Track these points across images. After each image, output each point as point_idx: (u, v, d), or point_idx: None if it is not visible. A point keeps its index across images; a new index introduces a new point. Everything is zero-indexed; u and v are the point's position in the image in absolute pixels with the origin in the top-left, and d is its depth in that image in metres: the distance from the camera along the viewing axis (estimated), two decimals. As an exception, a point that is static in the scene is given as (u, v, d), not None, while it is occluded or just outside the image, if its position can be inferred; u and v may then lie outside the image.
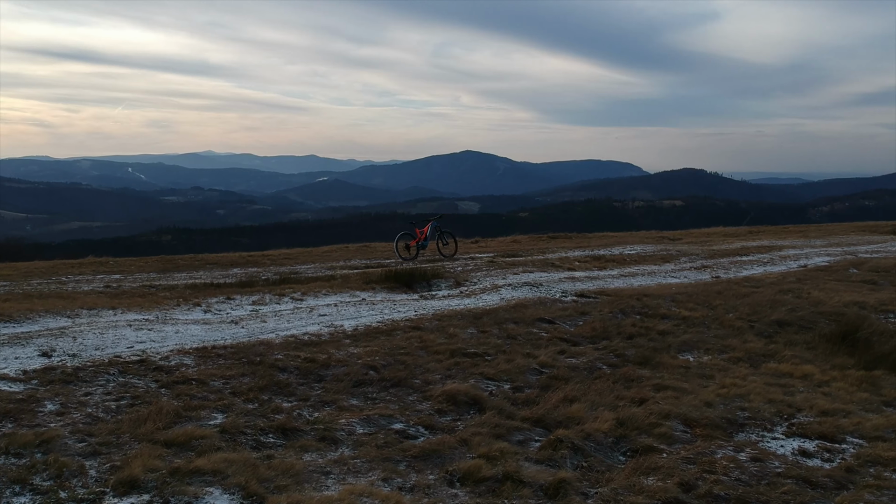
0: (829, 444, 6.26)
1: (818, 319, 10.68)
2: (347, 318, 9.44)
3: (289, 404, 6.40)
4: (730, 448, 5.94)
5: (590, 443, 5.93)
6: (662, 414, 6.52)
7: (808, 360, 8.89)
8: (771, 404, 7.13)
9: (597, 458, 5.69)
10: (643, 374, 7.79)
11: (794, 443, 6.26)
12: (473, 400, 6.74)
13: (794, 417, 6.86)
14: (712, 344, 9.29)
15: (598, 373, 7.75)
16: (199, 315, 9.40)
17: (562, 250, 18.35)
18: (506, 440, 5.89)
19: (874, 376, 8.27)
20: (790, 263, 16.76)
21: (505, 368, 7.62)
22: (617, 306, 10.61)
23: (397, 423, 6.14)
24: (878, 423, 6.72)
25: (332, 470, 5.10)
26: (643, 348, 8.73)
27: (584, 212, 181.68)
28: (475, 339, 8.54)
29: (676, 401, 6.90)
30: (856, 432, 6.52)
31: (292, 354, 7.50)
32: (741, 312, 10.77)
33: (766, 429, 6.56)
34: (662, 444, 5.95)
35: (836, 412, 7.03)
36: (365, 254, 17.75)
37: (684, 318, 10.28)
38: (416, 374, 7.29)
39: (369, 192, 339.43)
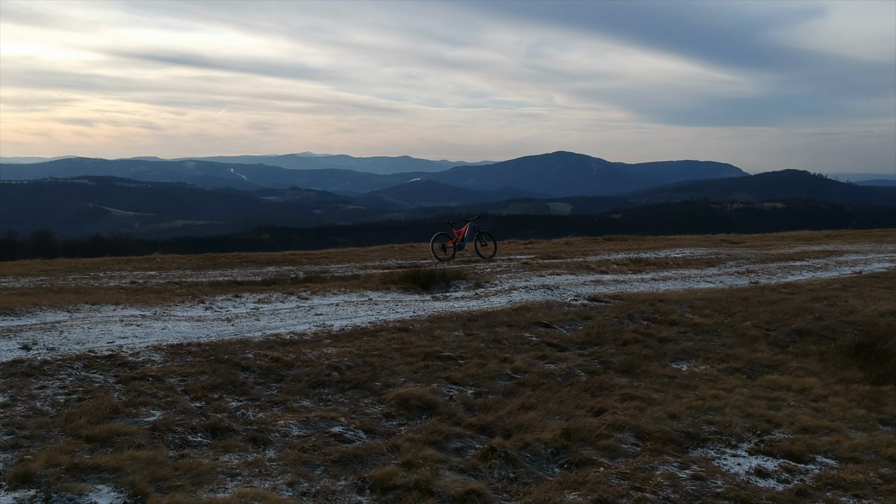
0: (794, 463, 5.82)
1: (845, 329, 10.01)
2: (342, 318, 9.40)
3: (237, 403, 6.38)
4: (675, 464, 5.59)
5: (526, 453, 5.69)
6: (616, 425, 6.20)
7: (815, 372, 8.33)
8: (747, 419, 6.70)
9: (527, 469, 5.44)
10: (620, 382, 7.45)
11: (754, 461, 5.85)
12: (427, 405, 6.57)
13: (767, 434, 6.42)
14: (716, 353, 8.82)
15: (572, 380, 7.45)
16: (198, 312, 9.55)
17: (606, 252, 17.89)
18: (440, 447, 5.71)
19: (880, 391, 7.68)
20: (844, 269, 15.81)
21: (474, 373, 7.41)
22: (626, 311, 10.21)
23: (337, 427, 6.03)
24: (858, 443, 6.22)
25: (242, 472, 5.04)
26: (633, 355, 8.35)
27: (679, 214, 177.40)
28: (457, 343, 8.35)
29: (638, 412, 6.56)
30: (830, 452, 6.05)
31: (263, 353, 7.50)
32: (760, 320, 10.19)
33: (731, 445, 6.16)
34: (604, 458, 5.65)
35: (818, 429, 6.54)
36: (405, 254, 17.74)
37: (694, 325, 9.80)
38: (379, 377, 7.17)
39: (461, 193, 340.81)
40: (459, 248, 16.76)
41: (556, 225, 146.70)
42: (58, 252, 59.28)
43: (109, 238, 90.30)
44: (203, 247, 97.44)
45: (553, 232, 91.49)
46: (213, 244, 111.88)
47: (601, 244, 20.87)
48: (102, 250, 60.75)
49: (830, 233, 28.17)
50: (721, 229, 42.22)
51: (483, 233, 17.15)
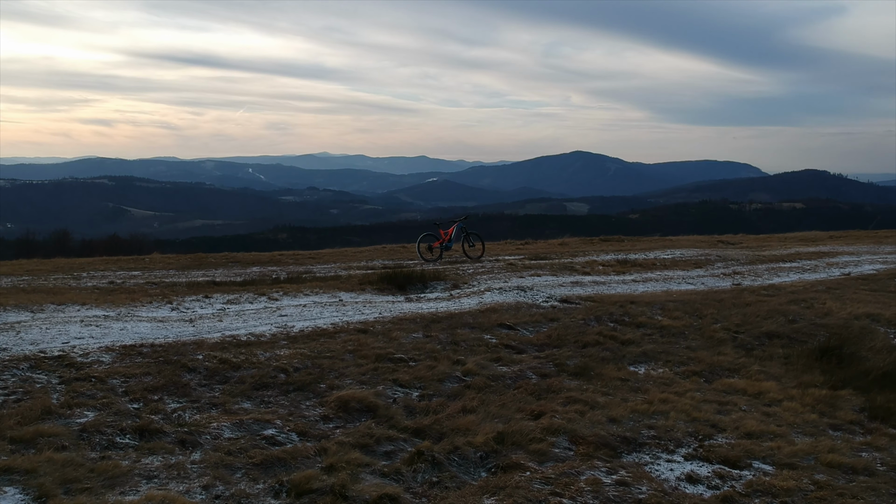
0: (729, 469, 5.74)
1: (816, 332, 9.87)
2: (306, 319, 9.38)
3: (176, 405, 6.37)
4: (603, 470, 5.52)
5: (454, 457, 5.64)
6: (552, 429, 6.14)
7: (776, 375, 8.22)
8: (692, 423, 6.62)
9: (452, 473, 5.39)
10: (569, 385, 7.39)
11: (688, 466, 5.77)
12: (367, 407, 6.54)
13: (709, 439, 6.33)
14: (678, 355, 8.73)
15: (521, 383, 7.38)
16: (163, 313, 9.57)
17: (596, 254, 17.77)
18: (368, 451, 5.68)
19: (837, 396, 7.57)
20: (833, 271, 15.60)
21: (423, 375, 7.36)
22: (594, 313, 10.12)
23: (270, 429, 6.01)
24: (800, 448, 6.13)
25: (160, 474, 5.03)
26: (591, 358, 8.28)
27: (697, 214, 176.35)
28: (413, 344, 8.31)
29: (579, 416, 6.50)
30: (769, 458, 5.96)
31: (213, 355, 7.49)
32: (730, 322, 10.07)
33: (668, 450, 6.08)
34: (532, 462, 5.59)
35: (763, 435, 6.45)
36: (395, 255, 17.71)
37: (662, 328, 9.70)
38: (326, 379, 7.14)
39: (478, 193, 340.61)
40: (446, 248, 16.70)
41: (573, 225, 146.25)
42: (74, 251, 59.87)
43: (126, 237, 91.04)
44: (220, 246, 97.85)
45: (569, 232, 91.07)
46: (231, 244, 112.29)
47: (595, 245, 20.74)
48: (118, 250, 61.31)
49: (835, 233, 27.83)
50: (739, 229, 41.94)
51: (471, 233, 17.07)
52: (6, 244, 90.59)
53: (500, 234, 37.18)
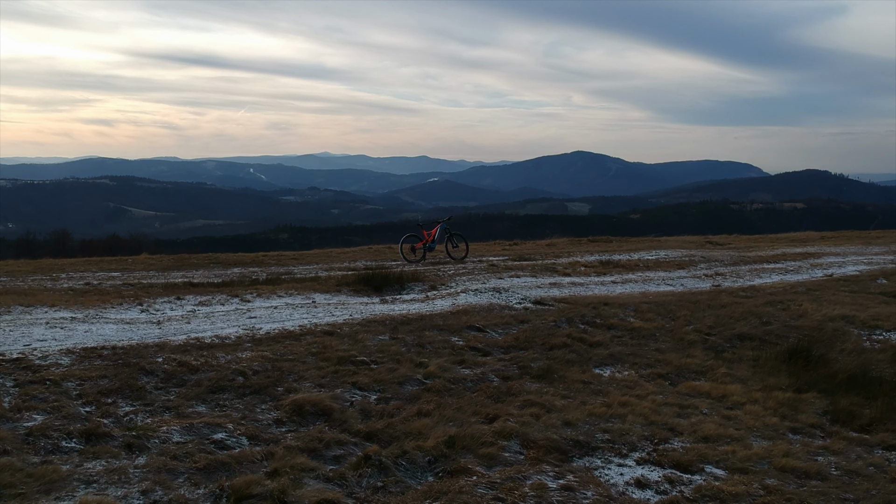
0: (680, 474, 5.68)
1: (789, 334, 9.81)
2: (275, 321, 9.35)
3: (129, 408, 6.33)
4: (551, 474, 5.47)
5: (402, 462, 5.59)
6: (505, 433, 6.09)
7: (742, 378, 8.16)
8: (649, 426, 6.57)
9: (398, 478, 5.35)
10: (530, 388, 7.34)
11: (639, 471, 5.71)
12: (322, 411, 6.49)
13: (665, 442, 6.28)
14: (646, 358, 8.68)
15: (481, 385, 7.34)
16: (132, 315, 9.53)
17: (581, 254, 17.73)
18: (316, 455, 5.63)
19: (801, 399, 7.51)
20: (815, 272, 15.54)
21: (384, 378, 7.32)
22: (566, 315, 10.08)
23: (221, 433, 5.96)
24: (755, 452, 6.08)
25: (100, 479, 4.98)
26: (556, 360, 8.23)
27: (698, 214, 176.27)
28: (378, 347, 8.26)
29: (534, 419, 6.45)
30: (722, 462, 5.91)
31: (173, 358, 7.44)
32: (703, 324, 10.02)
33: (621, 454, 6.03)
34: (480, 467, 5.54)
35: (720, 438, 6.40)
36: (380, 255, 17.67)
37: (633, 329, 9.66)
38: (284, 382, 7.09)
39: (479, 193, 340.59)
40: (430, 249, 16.66)
41: (574, 225, 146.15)
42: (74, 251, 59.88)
43: (126, 237, 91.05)
44: (221, 246, 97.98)
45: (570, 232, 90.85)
46: (232, 244, 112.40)
47: (583, 246, 20.69)
48: (118, 250, 61.35)
49: (827, 234, 27.80)
50: (740, 230, 41.76)
51: (454, 234, 17.03)
52: (7, 244, 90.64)
53: (500, 234, 37.13)
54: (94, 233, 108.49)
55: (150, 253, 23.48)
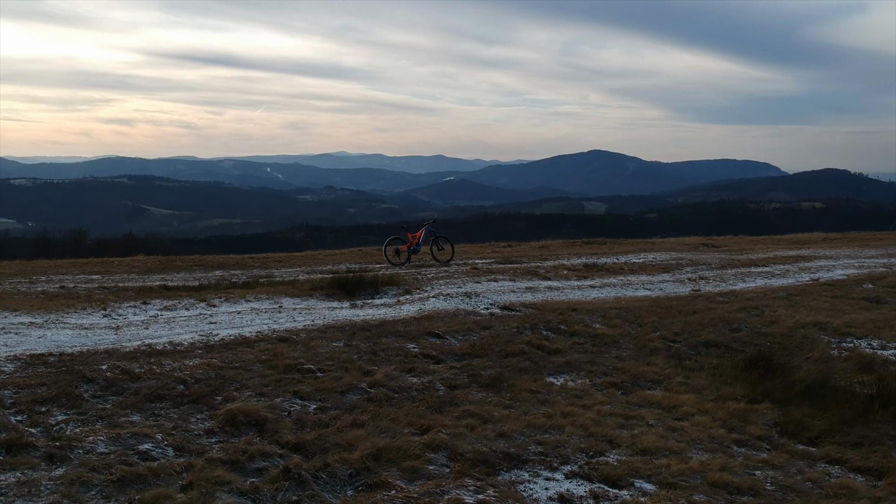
0: (608, 489, 5.58)
1: (756, 341, 9.65)
2: (234, 326, 9.29)
3: (62, 417, 6.28)
4: (471, 489, 5.38)
5: (323, 475, 5.51)
6: (434, 445, 6.01)
7: (698, 387, 8.02)
8: (588, 438, 6.45)
9: (315, 492, 5.27)
10: (475, 397, 7.24)
11: (567, 485, 5.61)
12: (256, 421, 6.42)
13: (601, 455, 6.17)
14: (603, 366, 8.56)
15: (425, 395, 7.25)
16: (92, 320, 9.52)
17: (569, 257, 17.58)
18: (238, 468, 5.56)
19: (754, 410, 7.37)
20: (802, 276, 15.32)
21: (327, 387, 7.24)
22: (532, 321, 9.96)
23: (147, 444, 5.90)
24: (691, 466, 5.95)
25: (9, 492, 4.92)
26: (509, 368, 8.13)
27: (715, 213, 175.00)
28: (329, 354, 8.18)
29: (468, 431, 6.35)
30: (654, 476, 5.79)
31: (117, 365, 7.40)
32: (669, 331, 9.88)
33: (552, 467, 5.92)
34: (401, 481, 5.45)
35: (659, 451, 6.28)
36: (367, 258, 17.61)
37: (596, 336, 9.54)
38: (225, 391, 7.03)
39: (495, 192, 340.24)
40: (414, 252, 16.59)
41: (590, 224, 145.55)
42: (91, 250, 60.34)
43: (142, 236, 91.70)
44: (238, 246, 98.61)
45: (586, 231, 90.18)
46: (248, 243, 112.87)
47: (575, 248, 20.52)
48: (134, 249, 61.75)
49: (831, 235, 27.47)
50: (758, 229, 41.16)
51: (440, 237, 16.94)
52: (25, 243, 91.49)
53: (516, 233, 36.90)
54: (113, 231, 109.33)
55: (165, 253, 23.72)
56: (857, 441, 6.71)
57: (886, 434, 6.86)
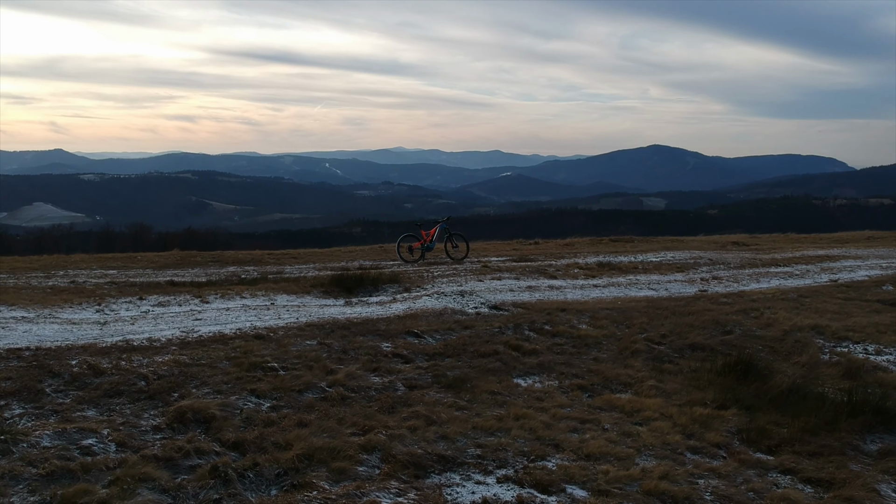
0: (537, 494, 5.48)
1: (746, 344, 9.35)
2: (218, 323, 9.41)
3: (19, 411, 6.43)
4: (393, 492, 5.35)
5: (251, 474, 5.54)
6: (369, 446, 5.98)
7: (669, 391, 7.83)
8: (534, 442, 6.35)
9: (237, 491, 5.30)
10: (431, 398, 7.18)
11: (494, 490, 5.53)
12: (204, 418, 6.48)
13: (542, 459, 6.06)
14: (578, 367, 8.41)
15: (382, 395, 7.22)
16: (83, 315, 9.76)
17: (586, 255, 17.35)
18: (172, 464, 5.61)
19: (719, 415, 7.16)
20: (821, 277, 14.83)
21: (286, 385, 7.26)
22: (517, 321, 9.86)
23: (91, 439, 6.01)
24: (628, 474, 5.81)
25: (-60, 484, 5.12)
26: (477, 369, 8.05)
27: (778, 209, 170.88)
28: (299, 352, 8.21)
29: (409, 432, 6.31)
30: (589, 483, 5.68)
31: (87, 360, 7.54)
32: (657, 333, 9.66)
33: (486, 471, 5.85)
34: (326, 482, 5.44)
35: (604, 457, 6.15)
36: (382, 254, 17.66)
37: (579, 337, 9.38)
38: (184, 387, 7.10)
39: (552, 188, 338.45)
40: (428, 249, 16.58)
41: (648, 221, 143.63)
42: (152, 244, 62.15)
43: (201, 231, 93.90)
44: (297, 240, 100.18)
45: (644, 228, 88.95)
46: (307, 237, 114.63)
47: (601, 245, 20.24)
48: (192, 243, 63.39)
49: (877, 234, 26.50)
50: (822, 226, 39.88)
51: (454, 234, 16.90)
52: (90, 236, 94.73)
53: (572, 229, 36.63)
54: (176, 225, 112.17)
55: (224, 247, 24.21)
56: (816, 451, 6.47)
57: (849, 444, 6.61)
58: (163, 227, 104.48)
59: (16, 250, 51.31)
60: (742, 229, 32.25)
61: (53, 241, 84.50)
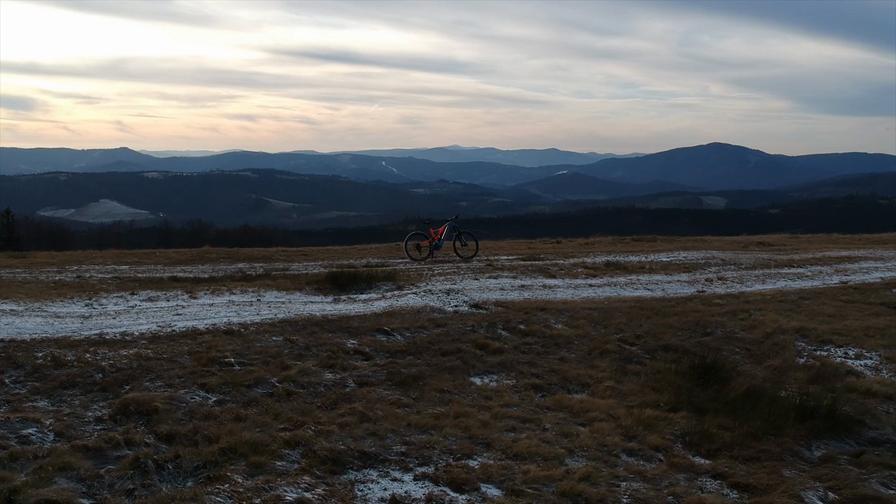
0: (447, 492, 5.46)
1: (723, 346, 9.15)
2: (197, 318, 9.56)
3: (-30, 402, 6.73)
4: (302, 486, 5.39)
5: (170, 466, 5.63)
6: (294, 441, 6.03)
7: (625, 392, 7.70)
8: (465, 441, 6.33)
9: (153, 482, 5.39)
10: (376, 395, 7.20)
11: (407, 487, 5.53)
12: (147, 410, 6.61)
13: (468, 458, 6.03)
14: (540, 367, 8.33)
15: (329, 391, 7.26)
16: (71, 309, 10.04)
17: (596, 255, 17.14)
18: (99, 455, 5.72)
19: (667, 418, 7.03)
20: (831, 278, 14.37)
21: (237, 381, 7.34)
22: (491, 319, 9.82)
23: (32, 428, 6.17)
24: (548, 474, 5.74)
25: None
26: (435, 367, 8.04)
27: (842, 209, 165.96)
28: (262, 348, 8.29)
29: (339, 428, 6.34)
30: (507, 482, 5.64)
31: (52, 352, 7.80)
32: (632, 333, 9.51)
33: (406, 468, 5.85)
34: (240, 475, 5.50)
35: (532, 456, 6.09)
36: (393, 253, 17.74)
37: (550, 336, 9.29)
38: (137, 380, 7.23)
39: (609, 186, 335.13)
40: (436, 247, 16.61)
41: (707, 220, 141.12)
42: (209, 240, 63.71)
43: (257, 228, 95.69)
44: (352, 238, 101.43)
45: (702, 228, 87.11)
46: (362, 235, 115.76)
47: (622, 245, 19.99)
48: (249, 240, 65.03)
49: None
50: (890, 226, 38.56)
51: (463, 232, 16.90)
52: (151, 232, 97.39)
53: (629, 228, 36.19)
54: (236, 222, 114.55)
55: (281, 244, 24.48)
56: (754, 456, 6.31)
57: (790, 450, 6.43)
58: (223, 224, 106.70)
59: (78, 245, 53.22)
60: (803, 229, 31.31)
61: (114, 237, 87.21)
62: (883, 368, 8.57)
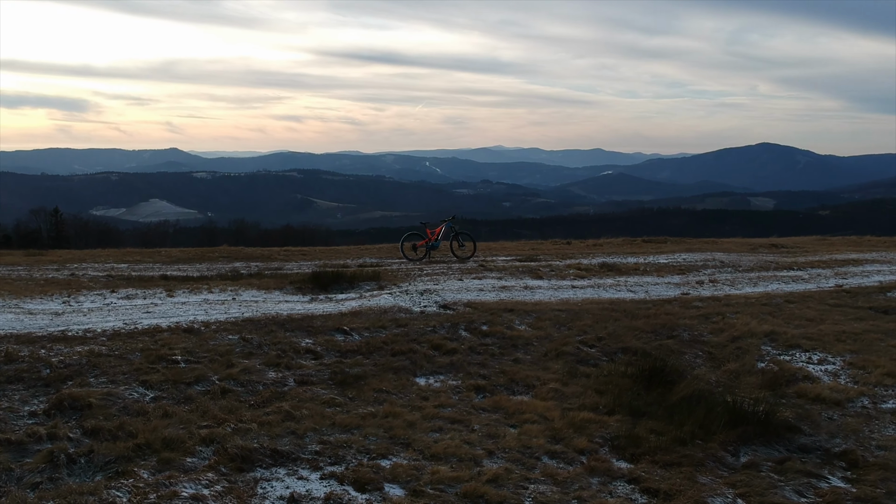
0: (348, 492, 5.46)
1: (685, 350, 9.01)
2: (164, 316, 9.70)
3: (-87, 396, 6.92)
4: (202, 483, 5.42)
5: (83, 460, 5.66)
6: (209, 439, 6.06)
7: (568, 395, 7.62)
8: (385, 441, 6.32)
9: (61, 476, 5.48)
10: (308, 394, 7.21)
11: (311, 486, 5.54)
12: (83, 406, 6.75)
13: (383, 458, 6.02)
14: (490, 368, 8.29)
15: (267, 390, 7.30)
16: (46, 306, 10.27)
17: (594, 256, 16.95)
18: (21, 449, 5.80)
19: (600, 421, 6.94)
20: (827, 282, 13.98)
21: (178, 378, 7.41)
22: (454, 320, 9.78)
23: (-35, 422, 6.41)
24: (455, 475, 5.70)
25: None
26: (381, 367, 8.05)
27: (895, 210, 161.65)
28: (214, 346, 8.36)
29: (258, 426, 6.38)
30: (411, 482, 5.61)
31: (9, 348, 7.95)
32: (594, 335, 9.39)
33: (316, 467, 5.85)
34: (146, 471, 5.56)
35: (448, 457, 6.05)
36: (392, 253, 17.78)
37: (510, 338, 9.23)
38: (82, 377, 7.35)
39: (654, 187, 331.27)
40: (433, 248, 16.60)
41: (756, 221, 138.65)
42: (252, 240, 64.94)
43: (299, 227, 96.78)
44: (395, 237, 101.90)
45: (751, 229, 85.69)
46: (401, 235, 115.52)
47: (631, 246, 19.75)
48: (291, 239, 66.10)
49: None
50: None
51: (460, 233, 16.87)
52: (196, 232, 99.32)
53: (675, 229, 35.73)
54: (282, 222, 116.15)
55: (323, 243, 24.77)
56: (676, 461, 6.19)
57: (714, 455, 6.29)
58: (269, 223, 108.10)
59: (125, 243, 54.69)
60: (853, 231, 30.49)
61: (159, 236, 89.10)
62: (842, 374, 8.32)
